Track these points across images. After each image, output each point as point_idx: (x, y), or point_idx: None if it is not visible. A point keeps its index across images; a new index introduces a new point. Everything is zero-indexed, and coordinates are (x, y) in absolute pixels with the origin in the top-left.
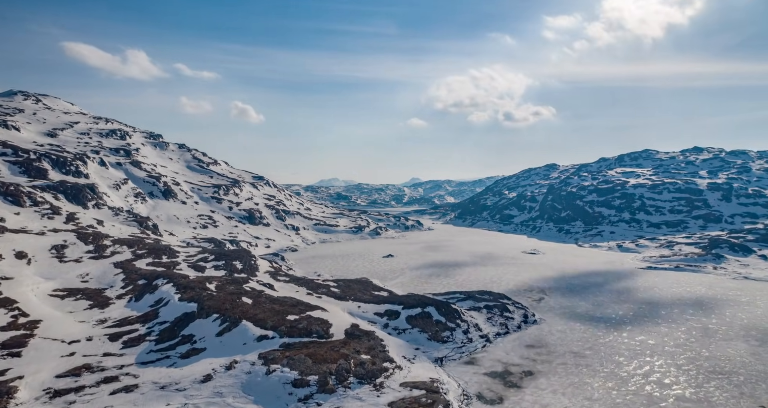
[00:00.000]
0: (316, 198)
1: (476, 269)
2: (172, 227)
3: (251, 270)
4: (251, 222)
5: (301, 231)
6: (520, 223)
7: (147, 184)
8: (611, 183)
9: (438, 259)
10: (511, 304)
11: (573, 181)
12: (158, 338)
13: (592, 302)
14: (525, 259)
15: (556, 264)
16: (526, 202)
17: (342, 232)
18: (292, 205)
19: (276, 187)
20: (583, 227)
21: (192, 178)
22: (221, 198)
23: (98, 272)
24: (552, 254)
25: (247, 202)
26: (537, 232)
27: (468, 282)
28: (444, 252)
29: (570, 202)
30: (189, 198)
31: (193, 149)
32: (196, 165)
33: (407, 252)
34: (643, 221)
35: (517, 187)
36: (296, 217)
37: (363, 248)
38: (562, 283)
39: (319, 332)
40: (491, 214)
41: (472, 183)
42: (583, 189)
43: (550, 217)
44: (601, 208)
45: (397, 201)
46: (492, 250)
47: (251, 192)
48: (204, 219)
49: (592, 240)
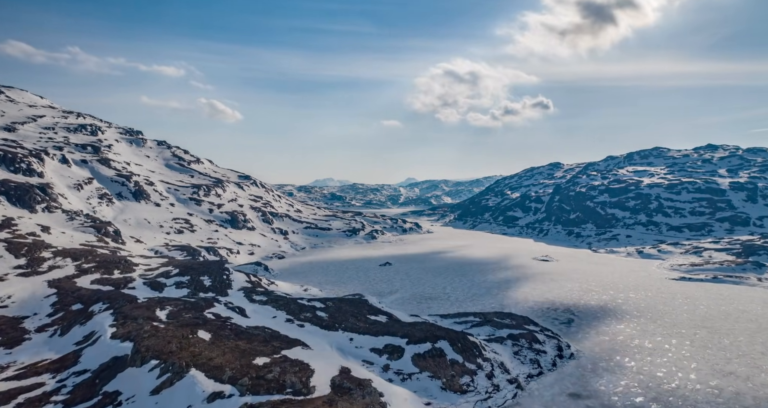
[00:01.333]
0: (309, 198)
1: (485, 280)
2: (141, 233)
3: (222, 287)
4: (234, 226)
5: (289, 235)
6: (526, 226)
7: (115, 183)
8: (623, 182)
9: (441, 267)
10: (540, 331)
11: (581, 180)
12: (69, 398)
13: (635, 326)
14: (538, 268)
15: (574, 274)
16: (531, 202)
17: (335, 235)
18: (280, 207)
19: (264, 187)
20: (596, 230)
21: (170, 177)
22: (201, 199)
23: (24, 294)
24: (566, 261)
25: (230, 204)
26: (544, 235)
27: (479, 299)
28: (446, 259)
29: (579, 203)
30: (164, 199)
31: (174, 146)
32: (176, 163)
33: (406, 259)
34: (662, 224)
35: (520, 186)
36: (285, 219)
37: (357, 254)
38: (589, 299)
39: (295, 385)
40: (493, 216)
41: (469, 183)
42: (593, 189)
43: (558, 219)
44: (614, 210)
45: (393, 201)
46: (499, 257)
47: (235, 193)
48: (180, 223)
49: (607, 244)
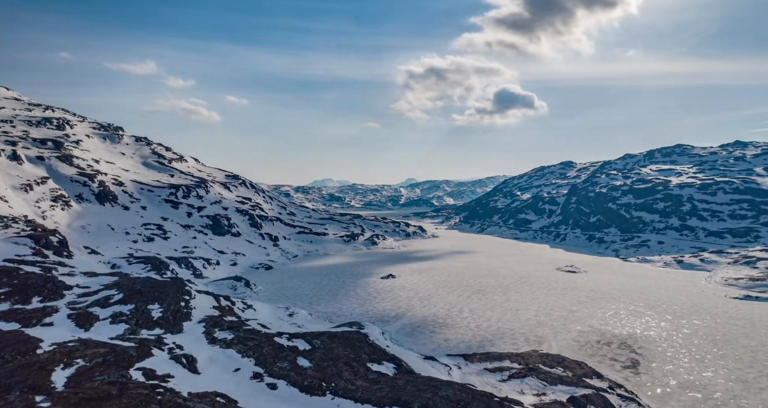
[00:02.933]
0: (307, 199)
1: (508, 298)
2: (102, 241)
3: (176, 319)
4: (216, 231)
5: (280, 241)
6: (540, 230)
7: (76, 184)
8: (649, 182)
9: (452, 281)
10: (609, 388)
11: (600, 180)
12: None
13: (728, 374)
14: (567, 282)
15: (611, 289)
16: (545, 204)
17: (331, 241)
18: (271, 210)
19: (254, 187)
20: (620, 235)
21: (146, 176)
22: (179, 201)
23: None
24: (596, 273)
25: (213, 207)
26: (562, 240)
27: (506, 326)
28: (457, 269)
29: (600, 204)
30: (134, 201)
31: (155, 143)
32: (155, 161)
33: (411, 269)
34: (699, 229)
35: (530, 187)
36: (276, 223)
37: (356, 264)
38: (646, 328)
39: None
40: (503, 219)
41: (471, 183)
42: (615, 189)
43: (576, 223)
44: (640, 212)
45: (394, 202)
46: (517, 266)
47: (220, 194)
48: (151, 229)
49: (637, 252)
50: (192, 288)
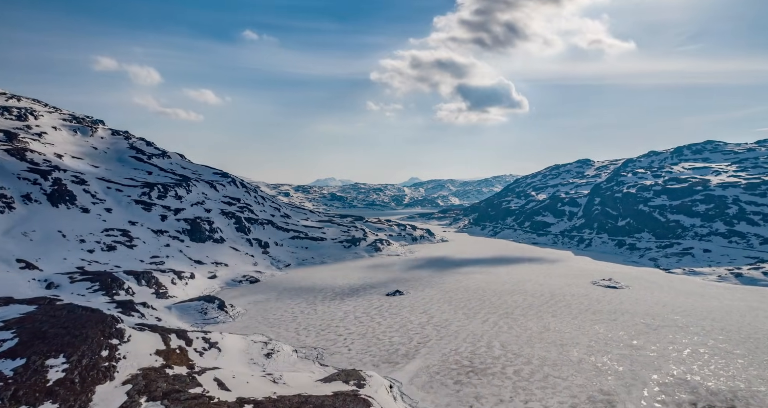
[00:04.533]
0: (307, 199)
1: (545, 326)
2: (45, 252)
3: (85, 382)
4: (195, 237)
5: (271, 248)
6: (561, 234)
7: (24, 181)
8: (685, 181)
9: (472, 298)
10: None
11: (626, 179)
12: None
13: None
14: (609, 300)
15: (669, 312)
16: (564, 206)
17: (329, 247)
18: (263, 211)
19: (245, 187)
20: (655, 241)
21: (118, 174)
22: (152, 202)
23: None
24: (640, 288)
25: (193, 209)
26: (587, 246)
27: (555, 373)
28: (475, 283)
29: (629, 206)
30: (97, 203)
31: (136, 138)
32: (132, 157)
33: (421, 283)
34: (750, 235)
35: (545, 187)
36: (267, 227)
37: (357, 275)
38: (753, 383)
39: None
40: (518, 221)
41: (477, 183)
42: (646, 189)
43: (602, 226)
44: (677, 216)
45: (398, 202)
46: (544, 279)
47: (204, 193)
48: (114, 235)
49: (679, 262)
50: (125, 326)
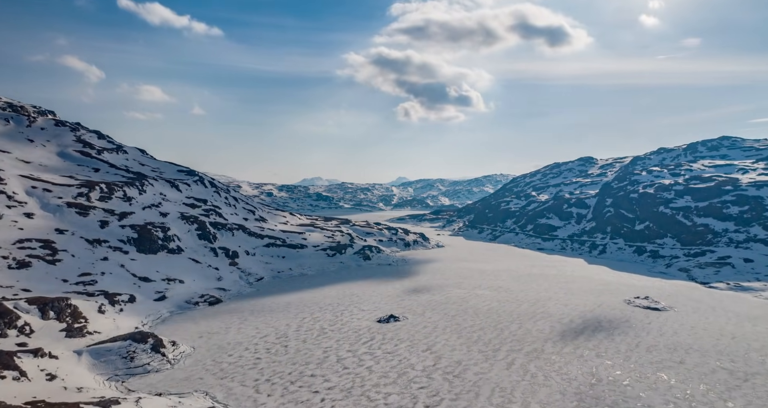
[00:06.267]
0: (291, 199)
1: (593, 372)
2: None
3: None
4: (144, 247)
5: (241, 258)
6: (569, 239)
7: None
8: (710, 181)
9: (485, 327)
10: None
11: (641, 178)
12: None
13: None
14: (659, 329)
15: (748, 351)
16: (570, 207)
17: (311, 256)
18: (234, 215)
19: (214, 186)
20: (681, 248)
21: (54, 170)
22: (90, 205)
23: None
24: (685, 309)
25: (145, 213)
26: (601, 253)
27: None
28: (485, 304)
29: (647, 208)
30: (15, 206)
31: (88, 130)
32: (77, 151)
33: (420, 303)
34: None
35: (546, 187)
36: (237, 233)
37: (342, 291)
38: None
39: None
40: (519, 224)
41: (467, 182)
42: (665, 189)
43: (617, 231)
44: (705, 219)
45: (386, 202)
46: (566, 297)
47: (162, 194)
48: (31, 248)
49: (718, 274)
50: None
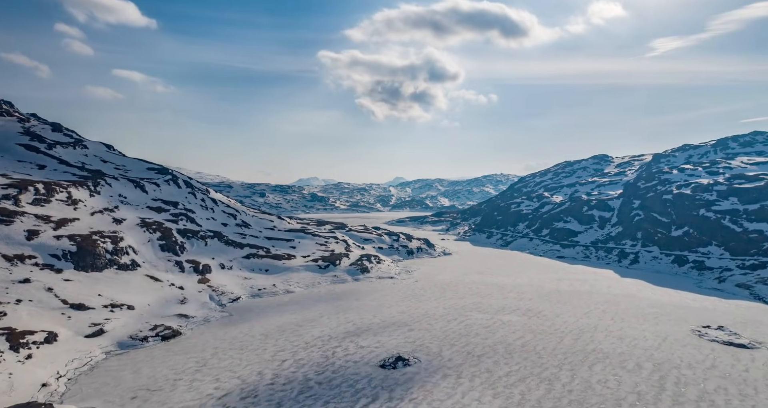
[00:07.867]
0: (285, 200)
1: None
2: None
3: None
4: (85, 263)
5: (214, 273)
6: (592, 246)
7: None
8: (759, 179)
9: (526, 375)
10: None
11: (672, 177)
12: None
13: None
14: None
15: None
16: (591, 209)
17: (299, 269)
18: (210, 220)
19: (190, 186)
20: (733, 259)
21: None
22: (17, 211)
23: None
24: None
25: (93, 219)
26: (632, 263)
27: None
28: (519, 339)
29: (685, 211)
30: None
31: (46, 122)
32: (22, 145)
33: (435, 336)
34: None
35: (560, 187)
36: (211, 242)
37: (336, 317)
38: None
39: None
40: (533, 228)
41: (467, 182)
42: (705, 189)
43: (649, 237)
44: (758, 224)
45: (383, 203)
46: (619, 328)
47: (122, 196)
48: None
49: None
50: None
